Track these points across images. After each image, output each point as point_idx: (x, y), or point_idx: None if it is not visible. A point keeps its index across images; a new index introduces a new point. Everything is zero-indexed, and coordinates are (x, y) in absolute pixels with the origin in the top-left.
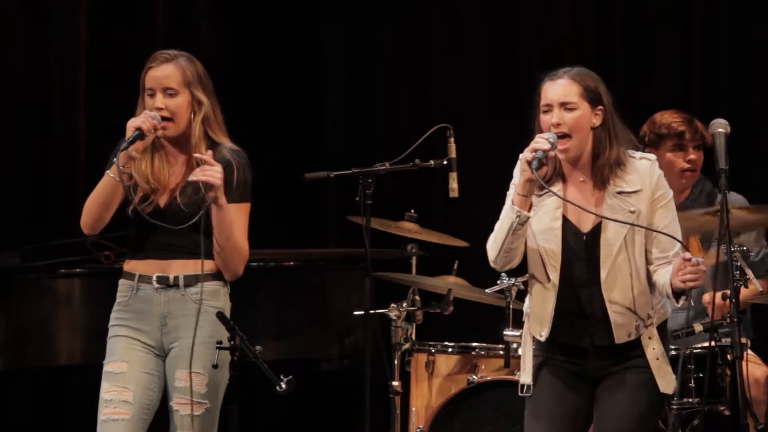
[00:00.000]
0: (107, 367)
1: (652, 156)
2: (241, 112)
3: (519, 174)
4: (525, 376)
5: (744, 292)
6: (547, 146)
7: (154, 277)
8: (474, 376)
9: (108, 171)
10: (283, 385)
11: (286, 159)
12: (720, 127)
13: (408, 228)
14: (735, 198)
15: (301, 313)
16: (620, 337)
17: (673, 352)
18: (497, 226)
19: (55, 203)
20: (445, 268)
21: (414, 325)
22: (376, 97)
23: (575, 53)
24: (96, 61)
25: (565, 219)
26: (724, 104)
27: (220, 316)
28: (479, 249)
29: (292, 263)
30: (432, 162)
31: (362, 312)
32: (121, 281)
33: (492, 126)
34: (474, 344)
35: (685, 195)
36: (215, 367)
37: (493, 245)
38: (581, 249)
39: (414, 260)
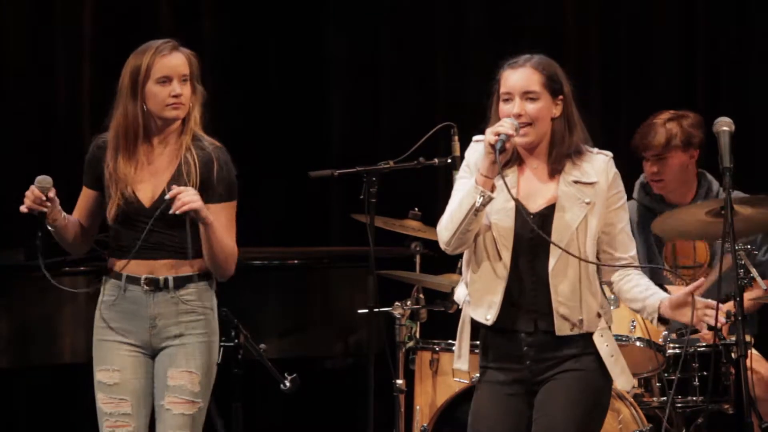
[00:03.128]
0: (99, 376)
1: (609, 153)
2: (244, 111)
3: (481, 156)
4: (461, 363)
5: (750, 295)
6: (511, 131)
7: (143, 279)
8: (478, 375)
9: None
10: (287, 383)
11: (290, 157)
12: (724, 125)
13: (412, 226)
14: (738, 197)
15: (305, 311)
16: (562, 328)
17: (677, 351)
18: (452, 207)
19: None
20: (449, 267)
21: (418, 323)
22: (380, 95)
23: (578, 53)
24: (100, 60)
25: (518, 202)
26: (727, 103)
27: (224, 314)
28: None
29: (296, 261)
30: (436, 160)
31: (366, 310)
32: (109, 281)
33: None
34: (478, 342)
35: (691, 196)
36: (219, 365)
37: (447, 226)
38: (533, 234)
39: (418, 258)
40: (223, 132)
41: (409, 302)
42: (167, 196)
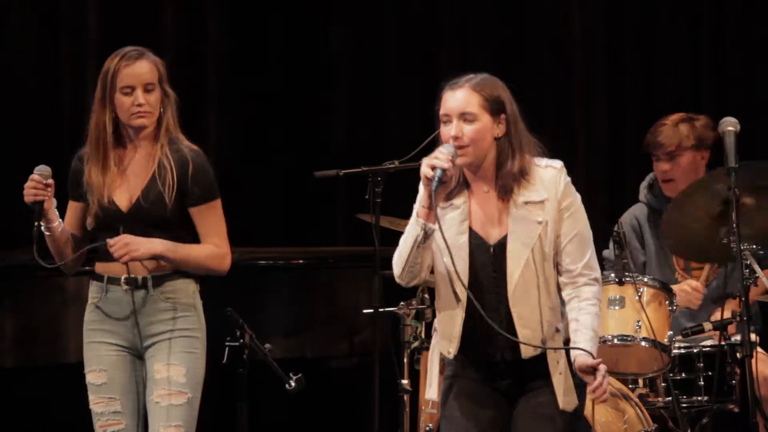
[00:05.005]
0: (88, 377)
1: (558, 163)
2: (249, 111)
3: (421, 186)
4: (430, 392)
5: (754, 290)
6: (446, 165)
7: (122, 279)
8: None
9: (42, 228)
10: (292, 383)
11: (295, 157)
12: (729, 125)
13: None
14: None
15: (310, 311)
16: (526, 351)
17: (683, 351)
18: (402, 240)
19: (66, 201)
20: None
21: (423, 323)
22: (384, 95)
23: (584, 53)
24: (106, 60)
25: (471, 231)
26: (733, 103)
27: (229, 314)
28: None
29: (301, 261)
30: None
31: (371, 310)
32: (92, 283)
33: None
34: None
35: None
36: (225, 362)
37: (397, 261)
38: (488, 261)
39: None
40: (226, 131)
41: (414, 302)
42: (110, 249)
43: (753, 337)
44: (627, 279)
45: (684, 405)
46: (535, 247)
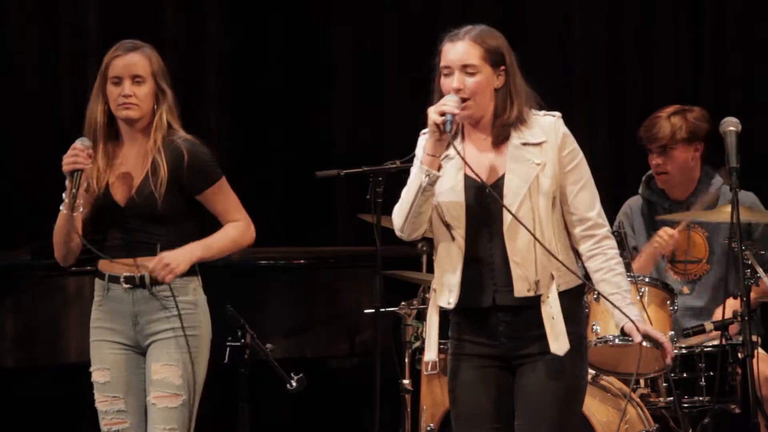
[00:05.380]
0: (93, 376)
1: (557, 113)
2: (250, 111)
3: (427, 136)
4: (430, 353)
5: (755, 291)
6: (455, 110)
7: (122, 278)
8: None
9: (61, 207)
10: (294, 383)
11: (295, 157)
12: (731, 125)
13: None
14: (745, 196)
15: (311, 311)
16: (520, 290)
17: (684, 351)
18: (404, 192)
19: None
20: None
21: (424, 323)
22: (385, 95)
23: (584, 51)
24: None
25: (466, 177)
26: (734, 102)
27: (230, 314)
28: None
29: (302, 261)
30: None
31: (372, 310)
32: (96, 280)
33: None
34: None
35: (690, 191)
36: (226, 362)
37: (399, 212)
38: (485, 202)
39: (424, 258)
40: (226, 131)
41: (415, 302)
42: (146, 276)
43: (754, 337)
44: (628, 279)
45: (685, 405)
46: (532, 186)
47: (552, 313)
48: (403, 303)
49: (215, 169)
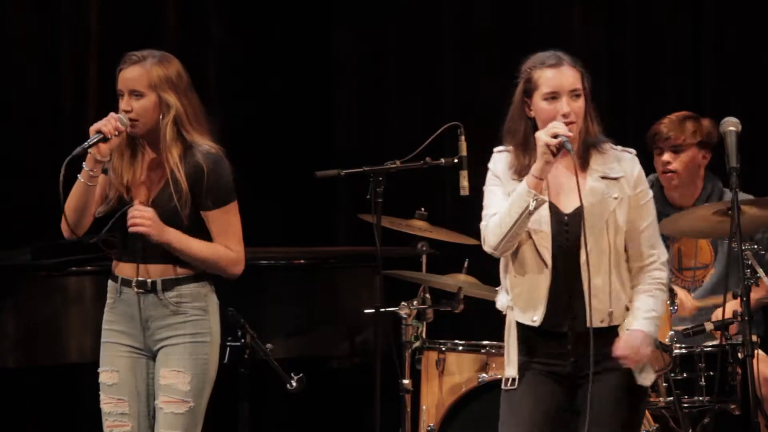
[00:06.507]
0: (101, 377)
1: (633, 150)
2: (252, 112)
3: (506, 166)
4: (510, 370)
5: (756, 293)
6: (570, 134)
7: (134, 282)
8: (484, 375)
9: (79, 176)
10: (294, 383)
11: (296, 157)
12: (731, 125)
13: (418, 226)
14: (744, 198)
15: (312, 311)
16: (594, 320)
17: (684, 351)
18: (502, 212)
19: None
20: (455, 266)
21: (424, 323)
22: (387, 95)
23: (586, 54)
24: (107, 61)
25: (551, 203)
26: (735, 103)
27: (231, 314)
28: None
29: (302, 261)
30: (443, 160)
31: (372, 310)
32: (109, 282)
33: (502, 124)
34: (484, 342)
35: (696, 196)
36: (226, 362)
37: (497, 232)
38: (563, 230)
39: (424, 258)
40: (229, 131)
41: (415, 302)
42: (128, 212)
43: (754, 337)
44: None
45: (685, 405)
46: (609, 220)
47: None
48: (403, 303)
49: (230, 192)
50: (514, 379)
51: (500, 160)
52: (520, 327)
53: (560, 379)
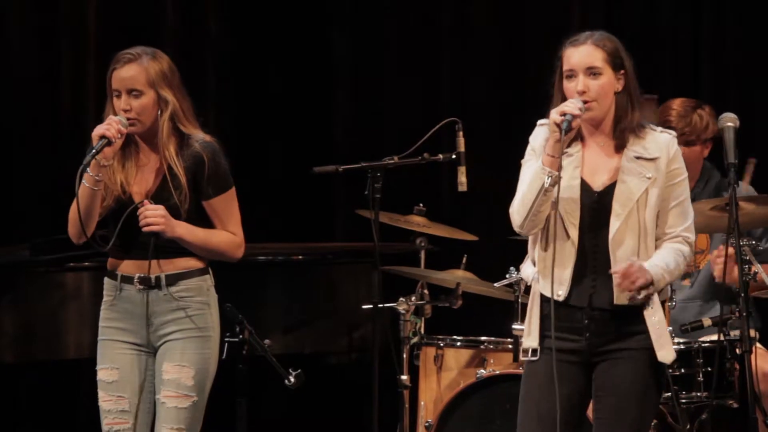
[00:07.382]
0: (99, 375)
1: (672, 131)
2: (250, 109)
3: (548, 135)
4: (530, 341)
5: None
6: (576, 111)
7: (136, 278)
8: (482, 370)
9: (84, 181)
10: (292, 379)
11: (294, 153)
12: (729, 121)
13: (417, 222)
14: (743, 196)
15: (310, 306)
16: (619, 298)
17: (682, 347)
18: (523, 190)
19: (65, 197)
20: (453, 262)
21: (423, 319)
22: (384, 90)
23: None
24: (106, 59)
25: (582, 179)
26: (733, 101)
27: (229, 310)
28: (488, 243)
29: (300, 257)
30: (441, 156)
31: (371, 306)
32: (106, 280)
33: (500, 120)
34: (483, 338)
35: (691, 186)
36: (224, 358)
37: (520, 210)
38: (594, 207)
39: (423, 254)
40: (228, 128)
41: (413, 298)
42: (138, 212)
43: (752, 332)
44: None
45: (683, 400)
46: (640, 199)
47: (655, 322)
48: (401, 299)
49: (228, 179)
50: (534, 350)
51: (540, 133)
52: (544, 299)
53: (576, 355)
